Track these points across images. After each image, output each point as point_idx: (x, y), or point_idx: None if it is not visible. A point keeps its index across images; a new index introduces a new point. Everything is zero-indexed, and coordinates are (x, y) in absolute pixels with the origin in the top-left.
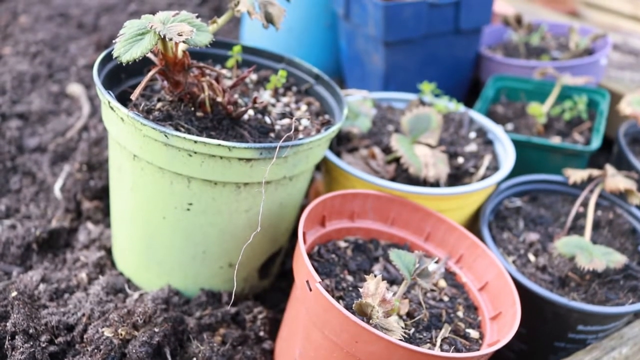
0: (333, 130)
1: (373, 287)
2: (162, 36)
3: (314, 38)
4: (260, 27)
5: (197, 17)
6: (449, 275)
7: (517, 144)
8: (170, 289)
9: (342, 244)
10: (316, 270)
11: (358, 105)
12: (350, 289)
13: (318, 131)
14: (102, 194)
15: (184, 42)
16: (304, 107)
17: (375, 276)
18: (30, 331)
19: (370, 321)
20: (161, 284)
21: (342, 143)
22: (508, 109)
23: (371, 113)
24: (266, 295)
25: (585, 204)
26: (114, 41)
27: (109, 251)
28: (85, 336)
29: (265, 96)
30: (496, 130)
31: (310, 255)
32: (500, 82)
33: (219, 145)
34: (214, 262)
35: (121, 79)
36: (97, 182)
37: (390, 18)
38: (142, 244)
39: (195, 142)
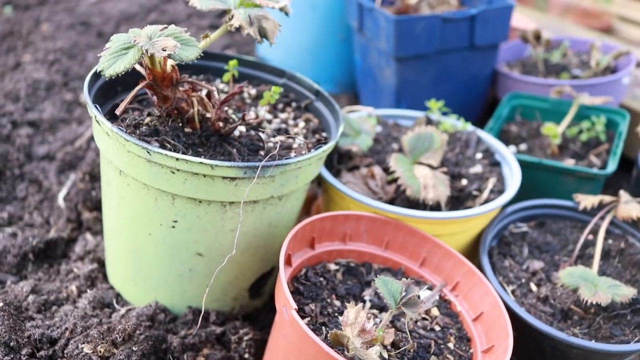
0: (324, 150)
1: (353, 316)
2: (145, 51)
3: (329, 51)
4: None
5: (186, 31)
6: (443, 303)
7: (528, 165)
8: (157, 305)
9: (333, 267)
10: (301, 294)
11: (360, 123)
12: (336, 314)
13: (309, 150)
14: None
15: (168, 57)
16: (301, 124)
17: (356, 304)
18: (12, 344)
19: (347, 352)
20: (149, 300)
21: (343, 161)
22: (522, 129)
23: (373, 131)
24: (258, 315)
25: (595, 232)
26: (98, 55)
27: (103, 264)
28: (65, 351)
29: (261, 112)
30: (504, 152)
31: (296, 278)
32: (516, 100)
33: (201, 163)
34: (202, 280)
35: (117, 91)
36: (98, 193)
37: (401, 32)
38: (130, 258)
39: (177, 159)
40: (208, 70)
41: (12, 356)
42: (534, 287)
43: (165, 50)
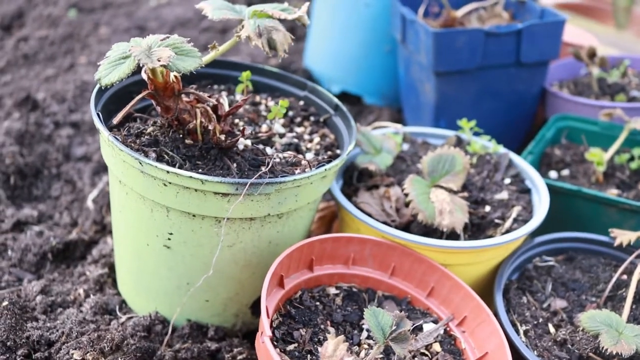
0: (326, 169)
1: (332, 349)
2: (138, 61)
3: (374, 63)
4: (321, 48)
5: (189, 41)
6: (448, 338)
7: (567, 194)
8: (156, 316)
9: (332, 291)
10: (293, 318)
11: (382, 140)
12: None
13: (311, 168)
14: None
15: (164, 67)
16: (316, 139)
17: (353, 332)
18: (9, 343)
19: None
20: (150, 309)
21: (363, 179)
22: (567, 153)
23: (396, 149)
24: None
25: (631, 272)
26: (98, 63)
27: (115, 269)
28: (58, 355)
29: (276, 125)
30: (535, 178)
31: (290, 301)
32: (563, 121)
33: (191, 177)
34: (200, 294)
35: (132, 98)
36: None
37: (440, 46)
38: (132, 267)
39: (168, 172)
40: (229, 79)
41: (7, 355)
42: (551, 329)
43: (159, 61)
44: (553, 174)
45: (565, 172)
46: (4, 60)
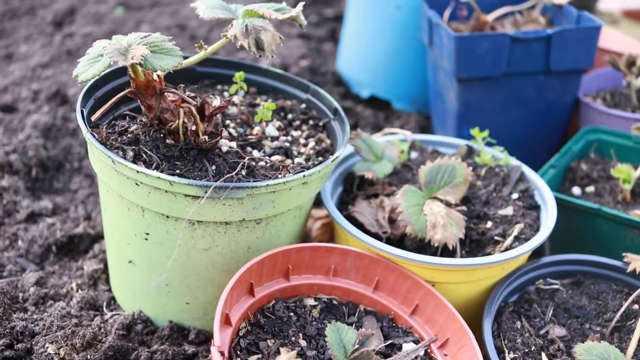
0: (305, 175)
1: None
2: (109, 58)
3: (403, 67)
4: (351, 51)
5: (171, 40)
6: None
7: (587, 212)
8: (139, 315)
9: (310, 302)
10: (262, 327)
11: (384, 148)
12: (295, 356)
13: (289, 172)
14: None
15: (139, 65)
16: (311, 144)
17: (309, 349)
18: None
19: None
20: (134, 308)
21: (364, 187)
22: (594, 168)
23: (398, 157)
24: None
25: None
26: (78, 60)
27: None
28: (36, 347)
29: (270, 128)
30: (545, 193)
31: (262, 309)
32: (593, 134)
33: (159, 178)
34: (179, 296)
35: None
36: None
37: (462, 51)
38: (117, 265)
39: (137, 172)
40: (230, 79)
41: None
42: (544, 358)
43: (133, 59)
44: (576, 190)
45: (590, 188)
46: (49, 55)
